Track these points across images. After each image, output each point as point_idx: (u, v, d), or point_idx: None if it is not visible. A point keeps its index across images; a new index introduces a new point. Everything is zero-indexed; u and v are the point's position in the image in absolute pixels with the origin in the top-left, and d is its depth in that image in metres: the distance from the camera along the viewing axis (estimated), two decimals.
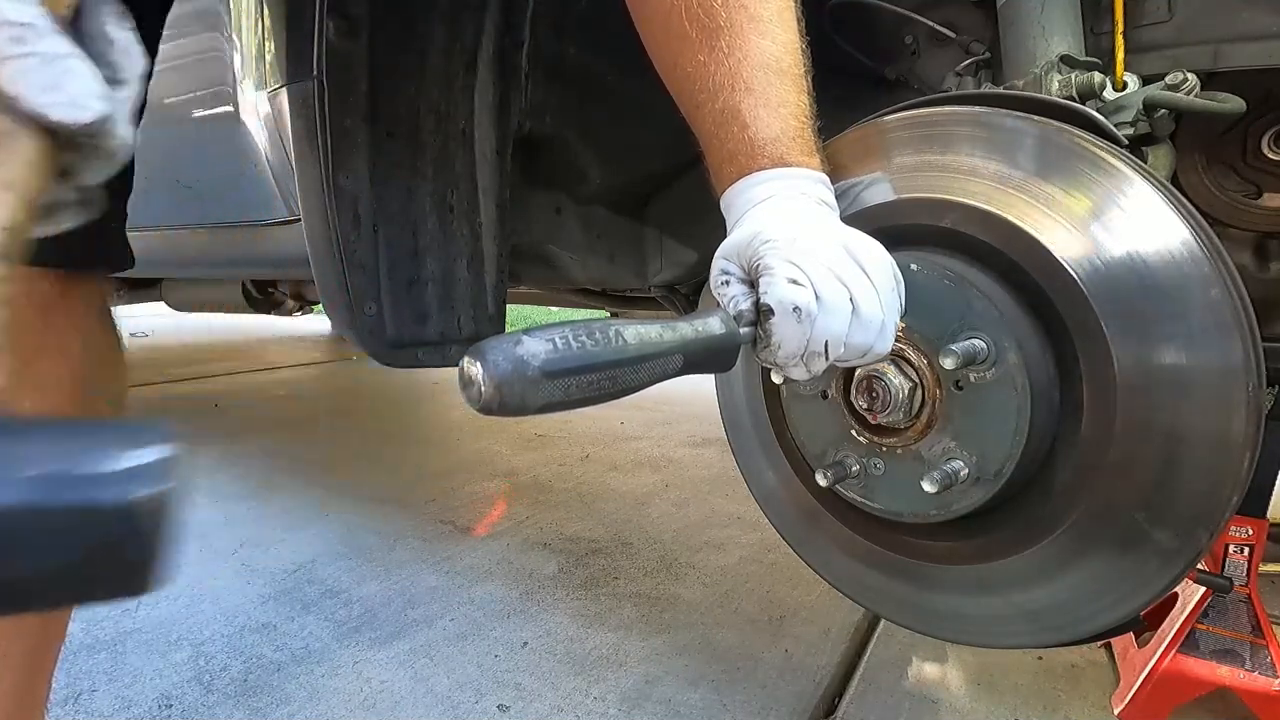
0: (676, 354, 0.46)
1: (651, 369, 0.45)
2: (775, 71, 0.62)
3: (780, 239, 0.56)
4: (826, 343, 0.56)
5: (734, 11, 0.60)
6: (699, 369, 0.50)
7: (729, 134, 0.62)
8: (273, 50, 1.13)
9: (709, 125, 0.63)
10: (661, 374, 0.46)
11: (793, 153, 0.61)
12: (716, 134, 0.63)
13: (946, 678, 1.27)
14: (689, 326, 0.48)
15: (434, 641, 1.39)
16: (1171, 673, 1.09)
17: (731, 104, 0.61)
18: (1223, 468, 0.59)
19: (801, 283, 0.54)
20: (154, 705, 1.19)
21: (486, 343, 0.38)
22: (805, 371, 0.58)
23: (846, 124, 0.81)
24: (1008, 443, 0.64)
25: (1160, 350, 0.60)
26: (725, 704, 1.20)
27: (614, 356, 0.42)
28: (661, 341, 0.45)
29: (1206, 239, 0.60)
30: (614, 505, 2.14)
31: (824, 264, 0.55)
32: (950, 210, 0.70)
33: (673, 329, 0.46)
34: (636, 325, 0.44)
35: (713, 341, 0.49)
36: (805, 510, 0.88)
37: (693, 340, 0.47)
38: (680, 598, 1.56)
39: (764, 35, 0.61)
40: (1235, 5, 0.86)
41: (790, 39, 0.63)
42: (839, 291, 0.55)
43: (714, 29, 0.61)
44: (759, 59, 0.61)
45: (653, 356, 0.44)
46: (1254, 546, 1.15)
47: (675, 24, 0.62)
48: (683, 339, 0.47)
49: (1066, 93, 0.81)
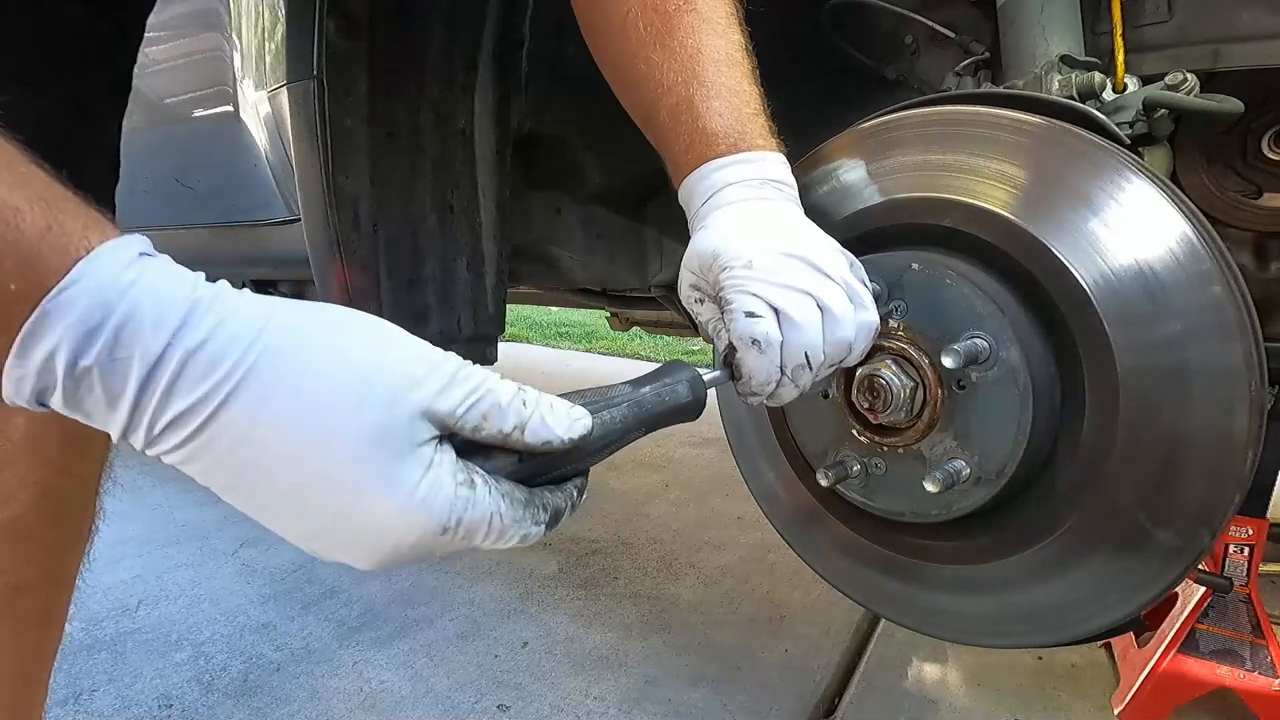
0: (639, 430, 0.47)
1: (614, 449, 0.47)
2: (726, 64, 0.63)
3: (737, 264, 0.57)
4: (806, 354, 0.56)
5: (685, 14, 0.62)
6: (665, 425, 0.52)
7: (684, 126, 0.62)
8: (273, 50, 1.13)
9: (664, 120, 0.63)
10: (621, 446, 0.48)
11: (748, 137, 0.62)
12: (672, 128, 0.63)
13: (946, 678, 1.27)
14: (655, 397, 0.49)
15: (434, 641, 1.39)
16: (1171, 673, 1.09)
17: (685, 96, 0.62)
18: (1225, 467, 0.59)
19: (759, 313, 0.55)
20: (154, 705, 1.19)
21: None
22: (794, 389, 0.59)
23: (846, 124, 0.81)
24: (1009, 442, 0.64)
25: (1162, 349, 0.60)
26: (725, 704, 1.20)
27: (579, 460, 0.44)
28: (624, 425, 0.46)
29: (1208, 237, 0.60)
30: (614, 505, 2.13)
31: (783, 282, 0.56)
32: (951, 210, 0.70)
33: (638, 406, 0.47)
34: (603, 413, 0.45)
35: (680, 406, 0.50)
36: (806, 510, 0.88)
37: (660, 413, 0.49)
38: (680, 598, 1.56)
39: (714, 34, 0.63)
40: (1235, 5, 0.86)
41: (739, 39, 0.65)
42: (803, 302, 0.56)
43: (666, 29, 0.62)
44: (711, 54, 0.62)
45: (615, 444, 0.46)
46: (1254, 546, 1.15)
47: (630, 26, 0.63)
48: (650, 414, 0.48)
49: (1066, 92, 0.81)
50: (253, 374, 0.33)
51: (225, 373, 0.32)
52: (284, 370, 0.33)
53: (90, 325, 0.30)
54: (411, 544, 0.36)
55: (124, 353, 0.31)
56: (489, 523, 0.38)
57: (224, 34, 1.28)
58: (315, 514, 0.35)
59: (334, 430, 0.34)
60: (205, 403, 0.32)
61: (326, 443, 0.34)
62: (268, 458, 0.33)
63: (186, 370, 0.32)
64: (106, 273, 0.31)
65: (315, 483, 0.34)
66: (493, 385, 0.38)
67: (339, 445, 0.34)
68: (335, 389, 0.34)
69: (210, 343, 0.32)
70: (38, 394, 0.32)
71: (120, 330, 0.31)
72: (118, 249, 0.32)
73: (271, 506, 0.35)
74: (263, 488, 0.34)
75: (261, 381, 0.33)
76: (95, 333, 0.30)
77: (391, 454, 0.35)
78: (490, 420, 0.38)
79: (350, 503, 0.34)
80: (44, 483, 0.65)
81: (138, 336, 0.31)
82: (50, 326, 0.30)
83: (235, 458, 0.33)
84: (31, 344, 0.30)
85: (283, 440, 0.33)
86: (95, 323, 0.30)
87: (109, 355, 0.31)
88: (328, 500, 0.34)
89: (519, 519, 0.39)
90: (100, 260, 0.31)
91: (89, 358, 0.31)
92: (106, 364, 0.31)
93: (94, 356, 0.31)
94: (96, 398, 0.31)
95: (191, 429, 0.32)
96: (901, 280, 0.69)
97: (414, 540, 0.36)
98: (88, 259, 0.31)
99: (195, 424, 0.32)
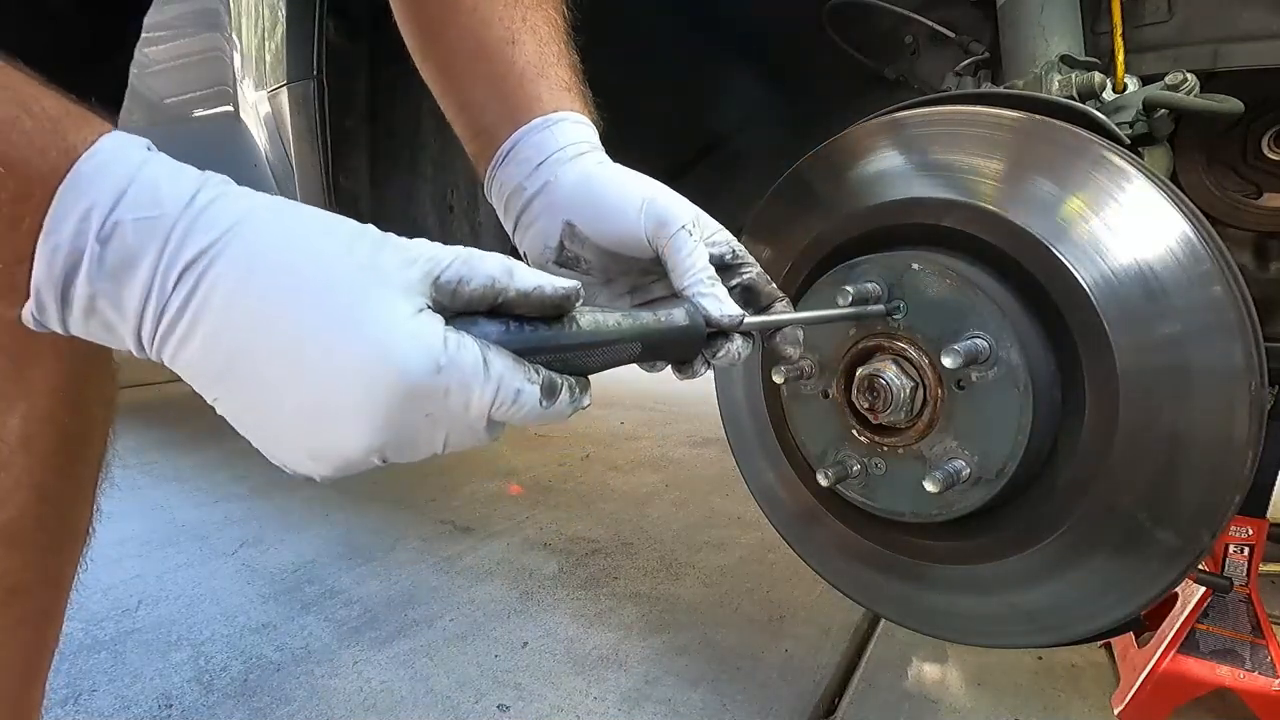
0: (634, 341, 0.47)
1: (605, 354, 0.46)
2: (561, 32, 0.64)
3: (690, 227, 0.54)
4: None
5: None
6: (659, 356, 0.51)
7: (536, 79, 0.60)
8: (273, 50, 1.13)
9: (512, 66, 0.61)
10: (616, 360, 0.47)
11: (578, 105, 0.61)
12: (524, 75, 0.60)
13: (946, 678, 1.27)
14: (651, 315, 0.49)
15: (434, 641, 1.39)
16: (1171, 673, 1.09)
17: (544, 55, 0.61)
18: (1225, 467, 0.59)
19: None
20: (154, 705, 1.19)
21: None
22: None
23: (846, 123, 0.81)
24: (1009, 442, 0.64)
25: (1162, 349, 0.60)
26: (725, 704, 1.19)
27: (567, 340, 0.44)
28: (619, 329, 0.46)
29: (1208, 237, 0.60)
30: (614, 505, 2.13)
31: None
32: (951, 210, 0.70)
33: (633, 317, 0.47)
34: (595, 313, 0.45)
35: (674, 332, 0.50)
36: (806, 510, 0.88)
37: (653, 329, 0.48)
38: (680, 598, 1.56)
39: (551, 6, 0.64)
40: (1235, 5, 0.86)
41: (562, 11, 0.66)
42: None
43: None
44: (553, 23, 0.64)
45: (607, 343, 0.45)
46: (1254, 546, 1.15)
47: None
48: (643, 328, 0.48)
49: (1066, 92, 0.81)
50: (250, 222, 0.35)
51: (233, 221, 0.34)
52: (282, 223, 0.36)
53: (120, 187, 0.33)
54: (409, 385, 0.35)
55: (149, 211, 0.33)
56: (482, 366, 0.37)
57: (224, 34, 1.28)
58: (312, 368, 0.35)
59: (330, 268, 0.35)
60: (211, 248, 0.34)
61: (323, 279, 0.35)
62: (265, 305, 0.34)
63: (199, 223, 0.34)
64: (125, 149, 0.34)
65: (313, 321, 0.35)
66: (475, 250, 0.39)
67: (335, 280, 0.35)
68: (331, 237, 0.36)
69: (220, 200, 0.35)
70: (65, 275, 0.33)
71: (144, 192, 0.34)
72: (128, 137, 0.35)
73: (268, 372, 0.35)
74: (260, 348, 0.35)
75: (260, 229, 0.35)
76: (124, 193, 0.33)
77: (385, 288, 0.36)
78: (475, 270, 0.38)
79: (347, 339, 0.35)
80: (40, 484, 0.65)
81: (159, 198, 0.34)
82: (84, 187, 0.33)
83: (235, 309, 0.34)
84: (69, 203, 0.32)
85: (279, 283, 0.35)
86: (124, 185, 0.33)
87: (134, 214, 0.33)
88: (325, 339, 0.35)
89: (510, 368, 0.39)
90: (117, 137, 0.35)
91: (121, 213, 0.33)
92: (132, 222, 0.33)
93: (125, 212, 0.33)
94: (122, 261, 0.33)
95: (197, 274, 0.34)
96: (901, 280, 0.69)
97: (411, 381, 0.35)
98: (108, 135, 0.34)
99: (200, 269, 0.34)
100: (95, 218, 0.33)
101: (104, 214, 0.33)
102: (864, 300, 0.69)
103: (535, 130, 0.59)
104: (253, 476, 2.34)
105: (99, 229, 0.33)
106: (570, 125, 0.59)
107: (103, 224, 0.33)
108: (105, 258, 0.33)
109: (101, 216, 0.33)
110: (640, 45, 1.27)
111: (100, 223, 0.33)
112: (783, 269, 0.85)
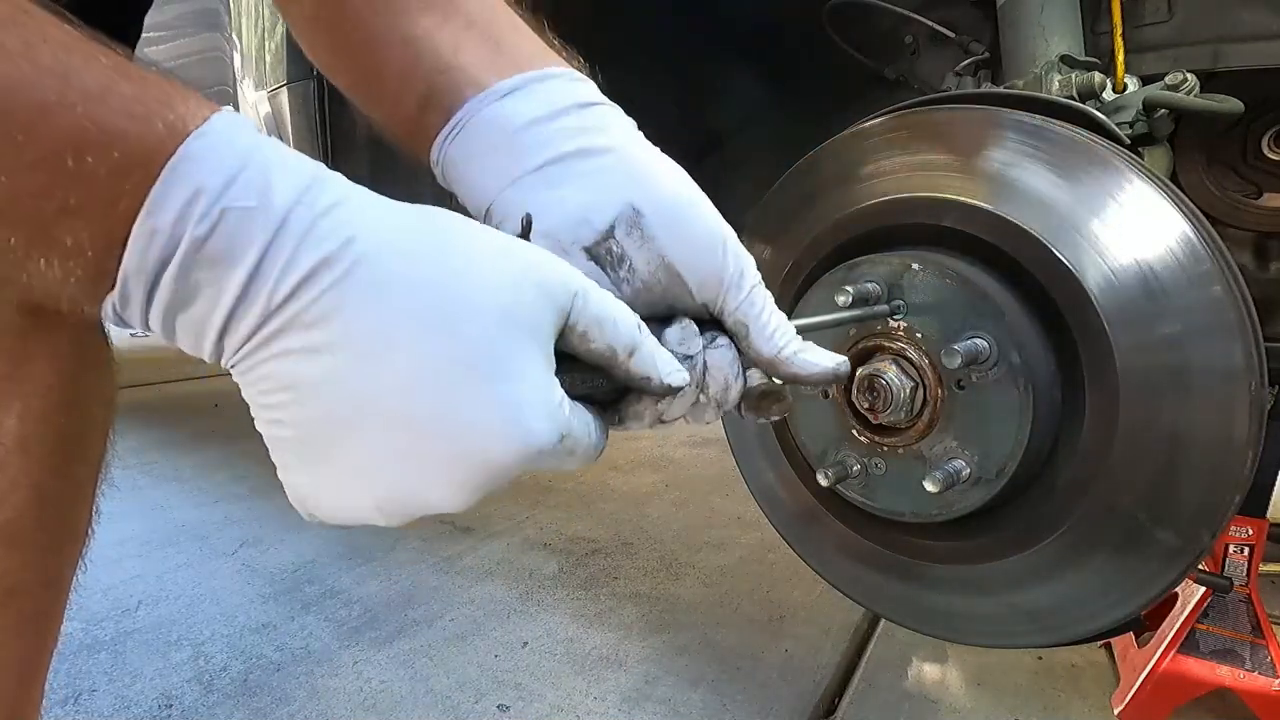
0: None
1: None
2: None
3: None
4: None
5: None
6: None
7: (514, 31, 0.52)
8: (273, 50, 1.13)
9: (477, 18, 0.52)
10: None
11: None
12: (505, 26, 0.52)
13: (946, 678, 1.27)
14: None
15: (434, 641, 1.39)
16: (1171, 673, 1.08)
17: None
18: (1225, 467, 0.59)
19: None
20: (154, 705, 1.19)
21: None
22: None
23: (846, 124, 0.81)
24: (1010, 442, 0.64)
25: (1162, 349, 0.60)
26: (725, 704, 1.19)
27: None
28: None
29: (1208, 237, 0.60)
30: (614, 505, 2.13)
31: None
32: (951, 209, 0.70)
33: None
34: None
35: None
36: (806, 510, 0.88)
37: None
38: (680, 598, 1.56)
39: None
40: (1235, 5, 0.86)
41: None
42: None
43: None
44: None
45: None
46: (1254, 546, 1.15)
47: None
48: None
49: (1066, 92, 0.81)
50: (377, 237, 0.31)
51: (353, 232, 0.31)
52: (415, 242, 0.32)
53: (231, 172, 0.30)
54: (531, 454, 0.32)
55: (261, 201, 0.30)
56: (589, 433, 0.35)
57: (224, 34, 1.28)
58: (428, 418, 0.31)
59: (466, 305, 0.32)
60: (333, 263, 0.30)
61: (455, 316, 0.31)
62: (391, 330, 0.31)
63: (318, 228, 0.30)
64: (236, 129, 0.31)
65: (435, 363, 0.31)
66: (615, 300, 0.36)
67: (468, 323, 0.32)
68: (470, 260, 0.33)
69: (343, 206, 0.31)
70: (159, 264, 0.29)
71: (256, 179, 0.30)
72: (239, 116, 0.32)
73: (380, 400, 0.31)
74: (370, 375, 0.31)
75: (391, 251, 0.31)
76: (234, 179, 0.30)
77: (523, 337, 0.33)
78: (605, 332, 0.35)
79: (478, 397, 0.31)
80: (37, 485, 0.65)
81: (269, 189, 0.30)
82: (193, 168, 0.29)
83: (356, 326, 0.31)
84: (175, 184, 0.29)
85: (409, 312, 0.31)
86: (234, 170, 0.30)
87: (244, 202, 0.30)
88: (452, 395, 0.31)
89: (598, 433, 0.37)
90: (228, 116, 0.31)
91: (229, 200, 0.29)
92: (241, 212, 0.30)
93: (234, 199, 0.29)
94: (225, 254, 0.30)
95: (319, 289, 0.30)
96: (901, 280, 0.69)
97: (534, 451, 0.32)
98: (219, 113, 0.31)
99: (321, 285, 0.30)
100: (202, 203, 0.29)
101: (211, 200, 0.29)
102: (864, 300, 0.69)
103: (561, 78, 0.48)
104: (252, 477, 2.34)
105: (203, 216, 0.29)
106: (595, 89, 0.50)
107: (208, 210, 0.29)
108: (206, 248, 0.29)
109: (209, 202, 0.29)
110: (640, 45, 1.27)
111: (206, 209, 0.29)
112: (783, 269, 0.85)
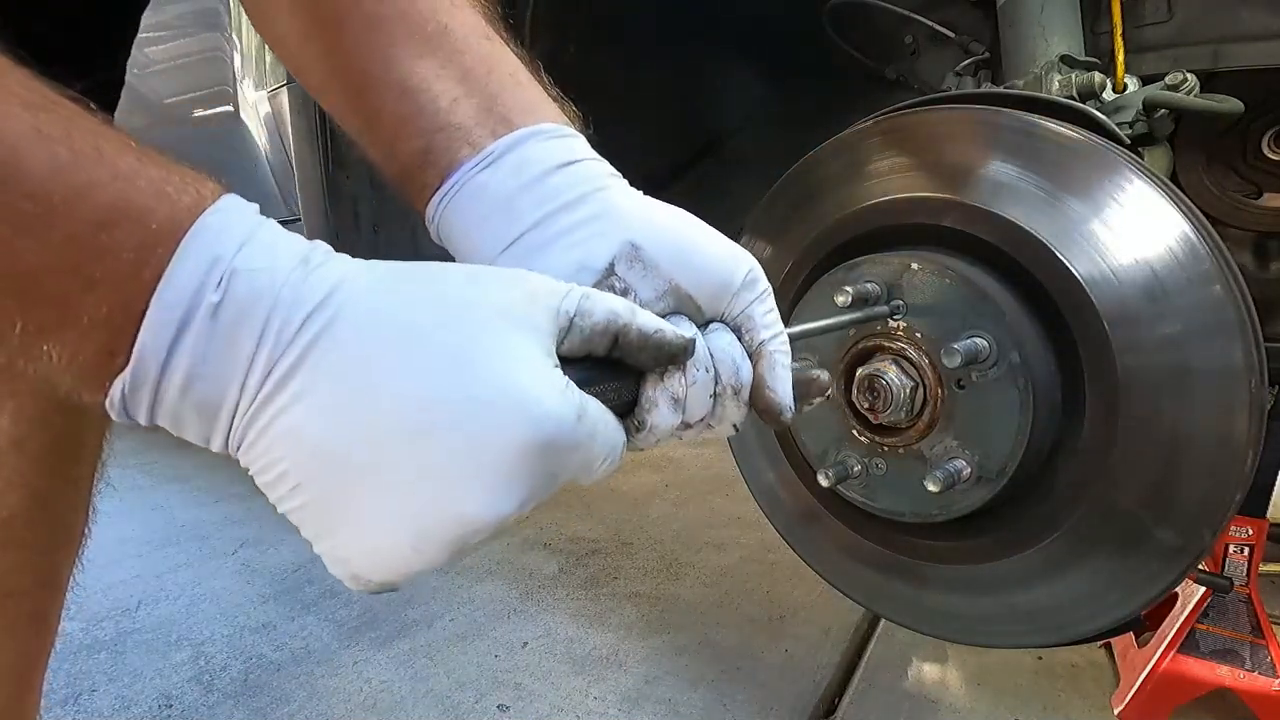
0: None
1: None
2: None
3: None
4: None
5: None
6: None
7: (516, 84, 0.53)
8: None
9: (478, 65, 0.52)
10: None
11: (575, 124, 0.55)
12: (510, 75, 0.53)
13: (946, 678, 1.27)
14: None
15: (434, 641, 1.38)
16: (1171, 673, 1.08)
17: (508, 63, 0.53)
18: (1225, 467, 0.59)
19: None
20: (154, 705, 1.19)
21: None
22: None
23: (846, 123, 0.81)
24: (1010, 442, 0.64)
25: (1162, 349, 0.60)
26: (725, 704, 1.19)
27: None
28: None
29: (1208, 237, 0.60)
30: (614, 505, 2.13)
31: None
32: (951, 209, 0.70)
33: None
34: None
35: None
36: (806, 510, 0.88)
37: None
38: (680, 598, 1.56)
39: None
40: (1235, 5, 0.86)
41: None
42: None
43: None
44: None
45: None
46: (1254, 546, 1.15)
47: None
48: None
49: (1066, 92, 0.81)
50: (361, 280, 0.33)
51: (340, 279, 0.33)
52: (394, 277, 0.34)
53: (241, 241, 0.32)
54: (553, 436, 0.33)
55: (266, 263, 0.32)
56: (604, 413, 0.36)
57: (224, 34, 1.28)
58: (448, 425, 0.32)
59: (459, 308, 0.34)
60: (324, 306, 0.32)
61: (447, 321, 0.33)
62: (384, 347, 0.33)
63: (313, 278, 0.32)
64: (243, 208, 0.33)
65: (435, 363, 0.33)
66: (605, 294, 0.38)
67: (463, 322, 0.33)
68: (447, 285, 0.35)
69: (330, 262, 0.34)
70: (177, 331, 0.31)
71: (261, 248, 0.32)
72: (241, 199, 0.34)
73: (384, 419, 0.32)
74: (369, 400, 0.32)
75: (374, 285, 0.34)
76: (243, 247, 0.32)
77: (519, 332, 0.34)
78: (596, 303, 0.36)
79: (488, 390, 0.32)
80: (33, 486, 0.65)
81: (274, 254, 0.32)
82: (211, 238, 0.31)
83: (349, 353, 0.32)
84: (194, 252, 0.31)
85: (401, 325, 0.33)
86: (244, 239, 0.32)
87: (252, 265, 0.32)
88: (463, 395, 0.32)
89: (614, 425, 0.37)
90: (235, 197, 0.33)
91: (239, 263, 0.31)
92: (249, 274, 0.31)
93: (243, 263, 0.32)
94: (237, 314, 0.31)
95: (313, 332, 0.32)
96: (901, 280, 0.69)
97: (555, 430, 0.33)
98: (228, 194, 0.33)
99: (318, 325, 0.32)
100: (218, 270, 0.31)
101: (225, 267, 0.31)
102: (864, 300, 0.69)
103: (549, 136, 0.50)
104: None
105: (219, 283, 0.31)
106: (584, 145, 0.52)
107: (224, 276, 0.31)
108: (220, 311, 0.31)
109: (223, 269, 0.31)
110: (640, 45, 1.27)
111: (222, 274, 0.31)
112: (783, 269, 0.85)
